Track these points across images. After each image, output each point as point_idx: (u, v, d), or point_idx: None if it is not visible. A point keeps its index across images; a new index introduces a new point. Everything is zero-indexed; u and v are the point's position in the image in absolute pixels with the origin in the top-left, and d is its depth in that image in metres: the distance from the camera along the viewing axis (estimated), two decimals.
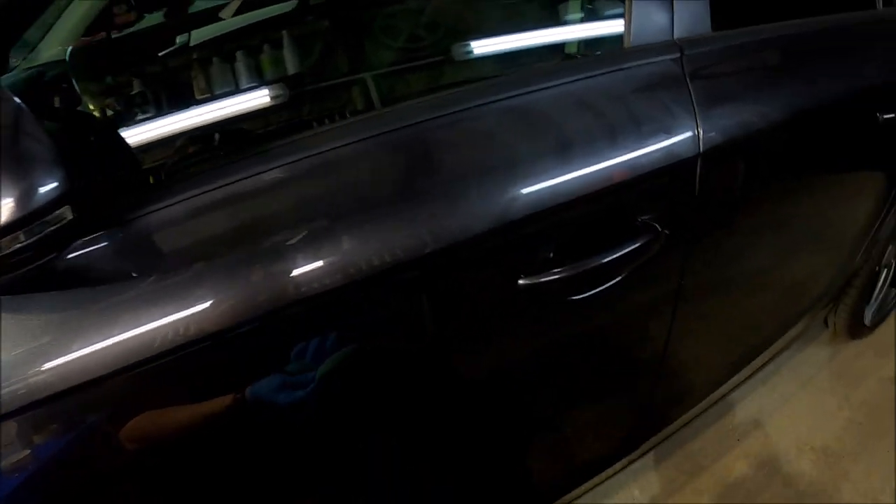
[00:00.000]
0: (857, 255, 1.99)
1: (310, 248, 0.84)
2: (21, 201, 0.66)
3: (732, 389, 2.09)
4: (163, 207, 0.84)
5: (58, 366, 0.74)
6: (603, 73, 1.09)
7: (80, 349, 0.75)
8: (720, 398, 1.98)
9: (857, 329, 2.42)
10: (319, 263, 0.84)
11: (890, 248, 2.21)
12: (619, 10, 1.56)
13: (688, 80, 1.13)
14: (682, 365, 1.55)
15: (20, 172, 0.67)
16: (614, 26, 1.35)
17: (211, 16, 2.21)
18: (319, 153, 0.91)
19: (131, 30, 2.00)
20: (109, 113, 1.91)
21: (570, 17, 2.25)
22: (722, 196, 1.23)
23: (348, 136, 0.93)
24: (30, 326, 0.75)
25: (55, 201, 0.69)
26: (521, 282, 0.99)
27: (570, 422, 1.41)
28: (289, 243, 0.84)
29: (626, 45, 1.16)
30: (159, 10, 2.18)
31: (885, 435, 2.17)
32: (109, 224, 0.81)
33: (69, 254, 0.78)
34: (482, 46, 2.08)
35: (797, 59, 1.36)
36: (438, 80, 2.18)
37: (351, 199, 0.89)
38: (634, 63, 1.12)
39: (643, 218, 1.09)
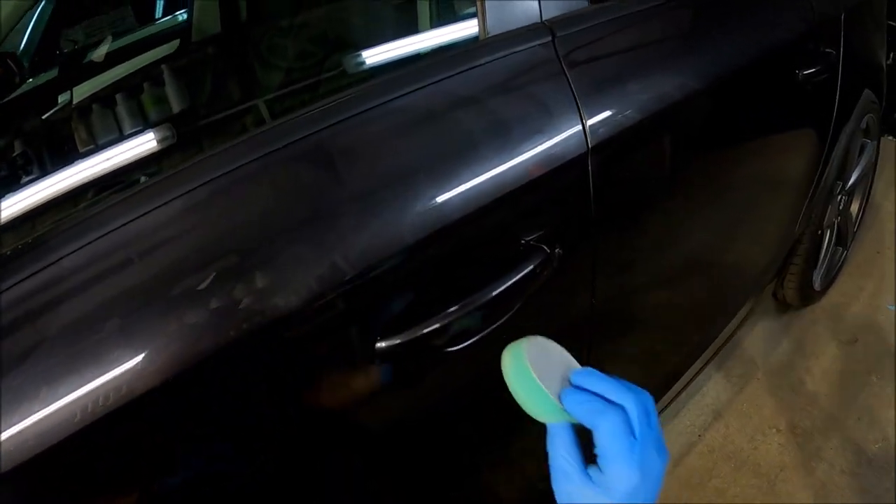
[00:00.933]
0: (797, 220, 1.85)
1: (223, 290, 0.69)
2: None
3: (684, 386, 1.94)
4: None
5: None
6: (456, 74, 0.89)
7: None
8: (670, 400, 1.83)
9: (807, 295, 2.28)
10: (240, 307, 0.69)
11: (830, 207, 2.07)
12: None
13: (564, 66, 0.95)
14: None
15: None
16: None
17: (90, 68, 2.09)
18: (212, 179, 0.74)
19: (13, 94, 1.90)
20: None
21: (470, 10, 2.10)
22: (624, 192, 1.06)
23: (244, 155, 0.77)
24: None
25: None
26: (379, 345, 0.81)
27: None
28: (199, 288, 0.68)
29: (482, 36, 0.97)
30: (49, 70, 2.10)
31: (853, 402, 2.03)
32: None
33: None
34: (376, 55, 1.93)
35: (695, 23, 1.20)
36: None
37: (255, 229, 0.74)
38: (494, 56, 0.93)
39: (528, 239, 0.90)
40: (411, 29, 2.01)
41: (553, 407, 0.65)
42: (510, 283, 0.86)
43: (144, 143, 1.75)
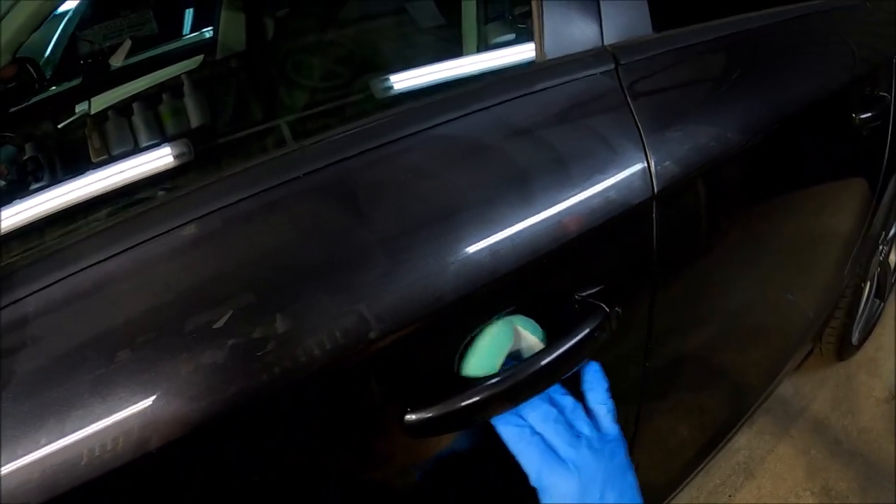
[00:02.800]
0: (843, 271, 1.71)
1: (240, 331, 0.58)
2: None
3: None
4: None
5: None
6: (507, 101, 0.76)
7: None
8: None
9: (845, 350, 2.13)
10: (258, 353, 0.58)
11: (875, 258, 1.93)
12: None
13: (628, 97, 0.82)
14: (653, 458, 1.23)
15: None
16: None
17: (111, 78, 2.01)
18: (232, 203, 0.63)
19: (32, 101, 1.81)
20: (2, 182, 1.67)
21: (502, 38, 2.02)
22: (686, 244, 0.92)
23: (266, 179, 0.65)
24: None
25: None
26: (409, 417, 0.67)
27: None
28: (215, 326, 0.57)
29: (538, 59, 0.84)
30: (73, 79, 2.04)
31: (890, 463, 1.88)
32: None
33: None
34: (404, 80, 1.84)
35: (757, 60, 1.07)
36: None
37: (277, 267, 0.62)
38: (552, 83, 0.79)
39: (583, 295, 0.76)
40: (447, 54, 1.91)
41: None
42: (565, 347, 0.71)
43: (160, 158, 1.66)
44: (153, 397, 0.54)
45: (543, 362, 0.69)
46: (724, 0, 1.09)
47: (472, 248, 0.66)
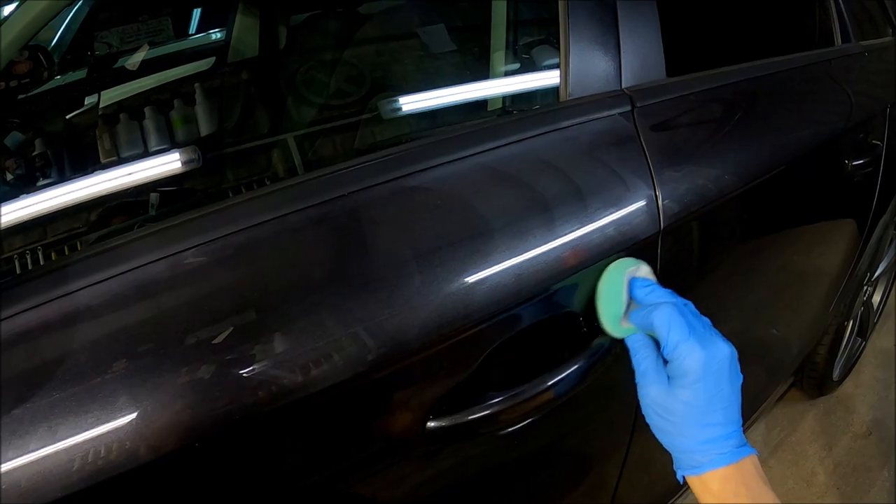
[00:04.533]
0: (828, 309, 1.78)
1: (239, 346, 0.62)
2: None
3: None
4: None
5: None
6: (536, 136, 0.82)
7: None
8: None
9: (825, 385, 2.19)
10: (252, 370, 0.61)
11: (859, 297, 2.00)
12: (555, 60, 1.35)
13: (641, 138, 0.88)
14: (639, 479, 1.27)
15: None
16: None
17: (121, 74, 2.02)
18: (237, 231, 0.67)
19: (40, 89, 1.82)
20: (9, 176, 1.68)
21: (508, 67, 2.07)
22: (685, 277, 0.98)
23: (274, 208, 0.69)
24: None
25: None
26: (430, 424, 0.72)
27: None
28: (215, 341, 0.61)
29: (563, 98, 0.90)
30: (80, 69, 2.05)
31: (864, 496, 1.95)
32: None
33: None
34: (413, 102, 1.88)
35: (759, 106, 1.14)
36: (359, 139, 1.97)
37: (278, 286, 0.66)
38: (576, 121, 0.85)
39: (594, 324, 0.81)
40: (455, 81, 1.96)
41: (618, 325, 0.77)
42: (569, 371, 0.78)
43: (169, 163, 1.69)
44: (149, 407, 0.58)
45: (550, 383, 0.76)
46: (731, 49, 1.15)
47: (498, 269, 0.72)
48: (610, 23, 0.93)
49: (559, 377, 0.77)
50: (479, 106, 1.68)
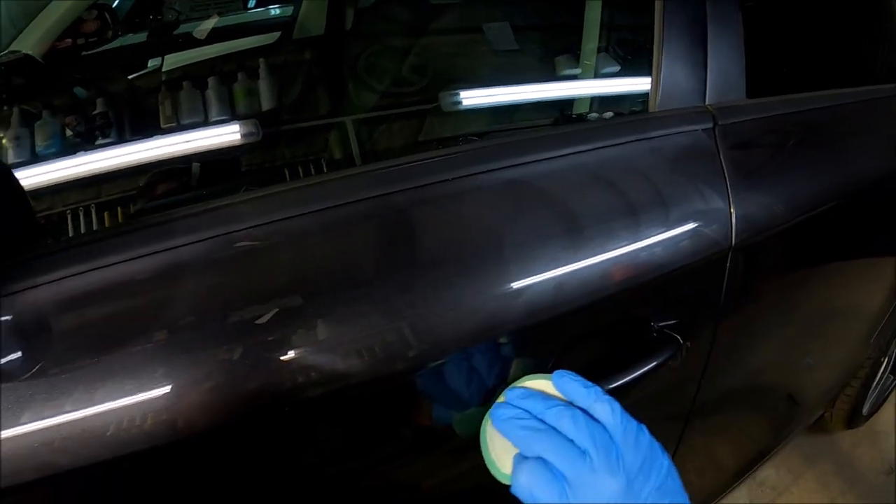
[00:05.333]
0: (867, 345, 1.79)
1: (282, 329, 0.64)
2: None
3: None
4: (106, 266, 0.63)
5: None
6: (627, 142, 0.87)
7: None
8: None
9: (853, 420, 2.21)
10: (292, 354, 0.63)
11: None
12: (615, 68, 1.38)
13: (721, 156, 0.92)
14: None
15: None
16: (620, 86, 1.16)
17: (187, 41, 2.05)
18: (295, 216, 0.70)
19: (104, 47, 1.86)
20: (69, 133, 1.72)
21: (569, 72, 2.10)
22: (746, 295, 1.02)
23: (327, 198, 0.72)
24: None
25: None
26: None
27: None
28: (258, 322, 0.63)
29: (651, 108, 0.94)
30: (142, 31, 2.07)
31: None
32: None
33: None
34: (474, 97, 1.91)
35: (830, 135, 1.16)
36: (425, 131, 1.99)
37: (325, 275, 0.68)
38: (663, 132, 0.90)
39: (661, 325, 0.86)
40: (515, 79, 1.98)
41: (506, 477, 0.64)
42: (641, 371, 0.82)
43: (228, 135, 1.72)
44: (185, 382, 0.60)
45: (619, 382, 0.79)
46: (806, 76, 1.18)
47: (581, 266, 0.76)
48: (700, 41, 0.97)
49: (630, 376, 0.81)
50: (541, 107, 1.71)
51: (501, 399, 0.66)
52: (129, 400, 0.58)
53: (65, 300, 0.61)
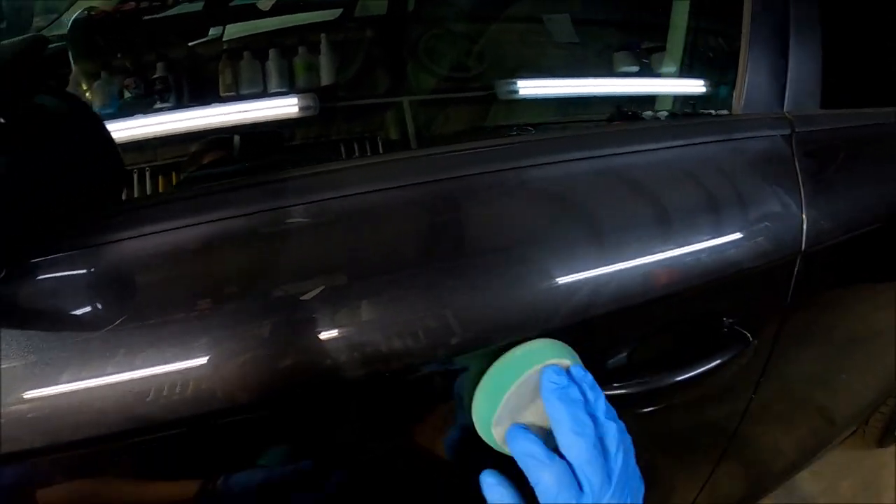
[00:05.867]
0: None
1: (326, 308, 0.64)
2: None
3: None
4: (161, 231, 0.65)
5: None
6: (712, 142, 0.90)
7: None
8: None
9: (886, 438, 2.23)
10: (334, 334, 0.64)
11: None
12: (672, 68, 1.40)
13: (797, 162, 0.95)
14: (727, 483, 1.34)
15: None
16: (675, 86, 1.20)
17: (249, 11, 2.06)
18: (348, 195, 0.71)
19: (166, 13, 1.89)
20: (127, 95, 1.74)
21: (627, 68, 2.10)
22: (810, 302, 1.04)
23: (384, 179, 0.73)
24: None
25: None
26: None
27: None
28: (303, 298, 0.64)
29: (734, 111, 0.98)
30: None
31: None
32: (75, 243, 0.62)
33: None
34: (532, 87, 1.93)
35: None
36: (480, 118, 2.01)
37: (374, 256, 0.69)
38: (745, 135, 0.93)
39: (730, 321, 0.89)
40: (571, 73, 2.00)
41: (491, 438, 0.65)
42: (713, 364, 0.85)
43: (286, 107, 1.74)
44: (224, 353, 0.61)
45: (686, 376, 0.83)
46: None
47: (656, 258, 0.79)
48: (783, 50, 1.00)
49: (700, 369, 0.84)
50: (598, 102, 1.73)
51: (553, 362, 0.64)
52: (170, 367, 0.60)
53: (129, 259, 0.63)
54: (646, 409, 0.88)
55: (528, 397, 0.64)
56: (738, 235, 0.85)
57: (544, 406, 0.61)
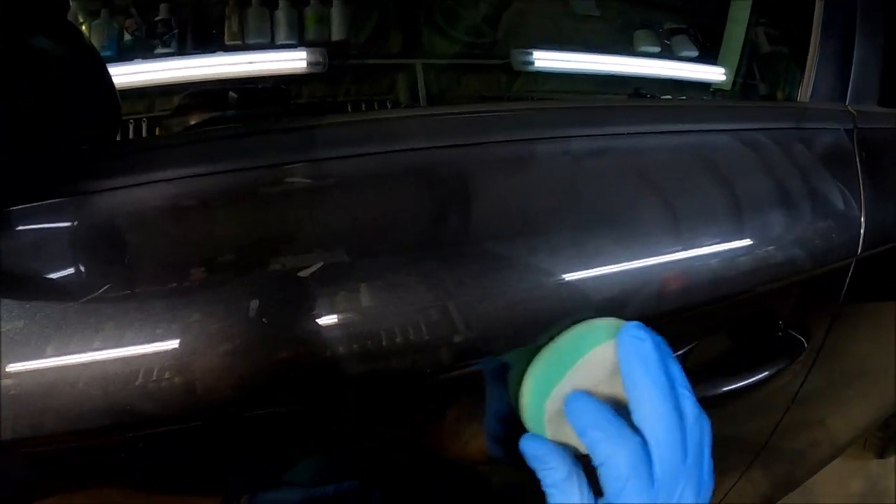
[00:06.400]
0: None
1: (323, 288, 0.56)
2: None
3: None
4: (153, 182, 0.57)
5: None
6: (781, 129, 0.85)
7: None
8: None
9: (887, 449, 2.22)
10: (333, 319, 0.56)
11: None
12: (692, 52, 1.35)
13: (857, 159, 0.90)
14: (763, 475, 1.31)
15: None
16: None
17: None
18: (361, 155, 0.63)
19: None
20: (126, 36, 1.67)
21: (648, 48, 2.07)
22: (855, 309, 0.99)
23: (386, 140, 0.65)
24: None
25: None
26: None
27: None
28: (300, 274, 0.56)
29: (801, 98, 0.94)
30: None
31: None
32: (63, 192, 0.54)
33: None
34: (547, 60, 1.88)
35: None
36: (493, 87, 1.96)
37: (378, 233, 0.61)
38: (813, 125, 0.88)
39: (787, 325, 0.85)
40: (588, 46, 1.95)
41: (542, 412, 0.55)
42: (772, 370, 0.81)
43: (293, 61, 1.68)
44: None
45: (745, 382, 0.77)
46: None
47: (729, 252, 0.74)
48: (849, 44, 0.97)
49: (758, 376, 0.79)
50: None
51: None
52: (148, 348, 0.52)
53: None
54: None
55: (597, 377, 0.55)
56: (804, 232, 0.80)
57: (621, 369, 0.51)
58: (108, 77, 0.57)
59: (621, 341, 0.52)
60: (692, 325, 0.76)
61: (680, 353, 0.75)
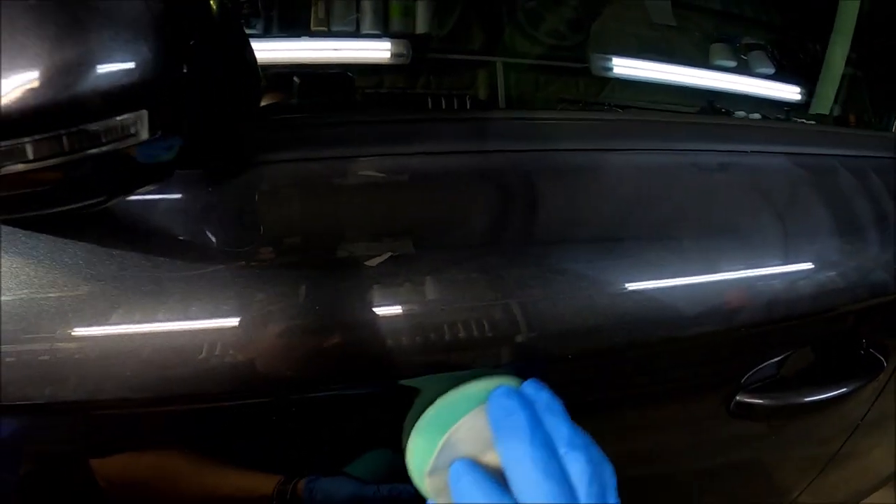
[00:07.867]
0: None
1: (387, 278, 0.59)
2: (57, 77, 0.39)
3: None
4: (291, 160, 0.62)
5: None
6: (882, 157, 0.94)
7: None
8: None
9: None
10: (397, 310, 0.59)
11: None
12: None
13: None
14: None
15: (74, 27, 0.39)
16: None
17: None
18: (423, 153, 0.67)
19: None
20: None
21: (724, 62, 2.10)
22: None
23: (459, 141, 0.70)
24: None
25: (127, 92, 0.41)
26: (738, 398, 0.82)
27: None
28: (368, 263, 0.59)
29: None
30: None
31: None
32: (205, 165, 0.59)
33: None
34: (625, 67, 1.92)
35: None
36: (571, 90, 2.01)
37: (442, 226, 0.65)
38: (866, 153, 0.96)
39: (869, 344, 0.93)
40: (663, 57, 1.99)
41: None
42: (856, 386, 0.89)
43: (377, 51, 1.73)
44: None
45: (824, 396, 0.86)
46: None
47: (823, 270, 0.81)
48: None
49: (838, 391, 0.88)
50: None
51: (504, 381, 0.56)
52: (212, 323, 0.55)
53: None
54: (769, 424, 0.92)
55: (479, 442, 0.52)
56: (883, 257, 0.87)
57: (494, 441, 0.50)
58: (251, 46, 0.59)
59: (490, 411, 0.52)
60: (789, 336, 0.84)
61: (776, 359, 0.83)
